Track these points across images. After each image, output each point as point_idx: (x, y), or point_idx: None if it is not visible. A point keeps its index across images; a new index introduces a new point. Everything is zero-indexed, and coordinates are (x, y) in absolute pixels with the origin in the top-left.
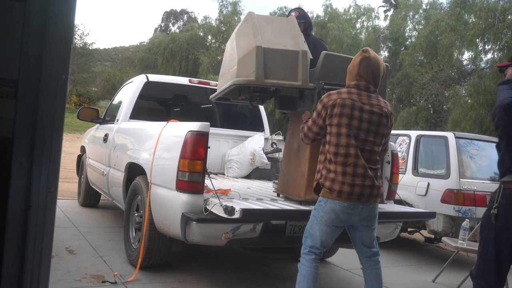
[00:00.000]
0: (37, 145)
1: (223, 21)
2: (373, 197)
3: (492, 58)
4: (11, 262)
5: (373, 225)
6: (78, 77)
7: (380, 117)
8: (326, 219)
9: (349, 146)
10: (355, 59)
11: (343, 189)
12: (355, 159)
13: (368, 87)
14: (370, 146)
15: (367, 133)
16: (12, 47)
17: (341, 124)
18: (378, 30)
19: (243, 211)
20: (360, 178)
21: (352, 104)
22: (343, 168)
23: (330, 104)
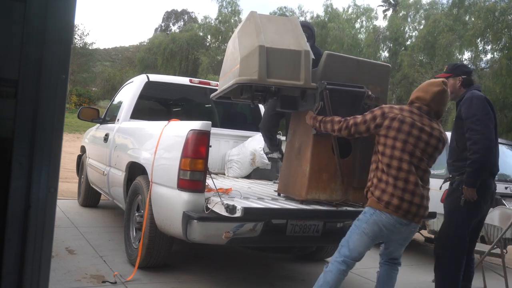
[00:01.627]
0: (37, 145)
1: (222, 21)
2: (418, 217)
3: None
4: (11, 262)
5: (407, 243)
6: (78, 77)
7: (438, 142)
8: (368, 231)
9: (402, 160)
10: (432, 87)
11: (392, 201)
12: (407, 175)
13: (429, 113)
14: (425, 166)
15: (423, 153)
16: (12, 47)
17: (398, 138)
18: (378, 30)
19: (245, 210)
20: (410, 194)
21: (412, 122)
22: (394, 181)
23: (391, 117)
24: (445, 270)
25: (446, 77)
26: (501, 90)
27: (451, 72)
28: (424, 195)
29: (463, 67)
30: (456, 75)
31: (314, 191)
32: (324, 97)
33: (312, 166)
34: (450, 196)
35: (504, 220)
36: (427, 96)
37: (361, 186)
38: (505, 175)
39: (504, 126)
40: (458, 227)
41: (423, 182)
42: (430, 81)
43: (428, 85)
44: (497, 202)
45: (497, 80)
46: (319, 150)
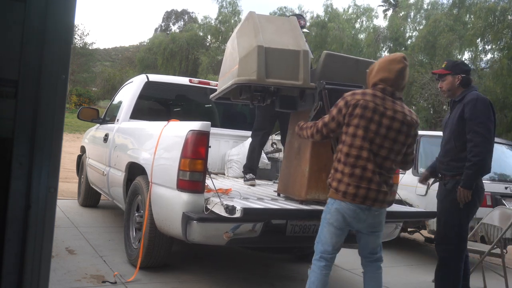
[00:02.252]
0: (37, 145)
1: (222, 21)
2: (378, 202)
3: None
4: (11, 262)
5: (379, 231)
6: (78, 77)
7: (401, 125)
8: (333, 220)
9: (362, 148)
10: (393, 65)
11: (348, 191)
12: (365, 162)
13: (394, 93)
14: (386, 152)
15: (384, 139)
16: (12, 47)
17: (359, 125)
18: (378, 30)
19: (244, 210)
20: (366, 181)
21: (374, 107)
22: (351, 170)
23: (353, 104)
24: (450, 271)
25: (444, 74)
26: (501, 90)
27: (450, 70)
28: (382, 182)
29: (463, 65)
30: (455, 73)
31: (313, 191)
32: (323, 97)
33: (312, 166)
34: (447, 197)
35: (504, 220)
36: (391, 76)
37: None
38: (505, 175)
39: (504, 126)
40: (460, 227)
41: (384, 169)
42: (389, 58)
43: (389, 64)
44: (497, 202)
45: (497, 80)
46: (318, 150)
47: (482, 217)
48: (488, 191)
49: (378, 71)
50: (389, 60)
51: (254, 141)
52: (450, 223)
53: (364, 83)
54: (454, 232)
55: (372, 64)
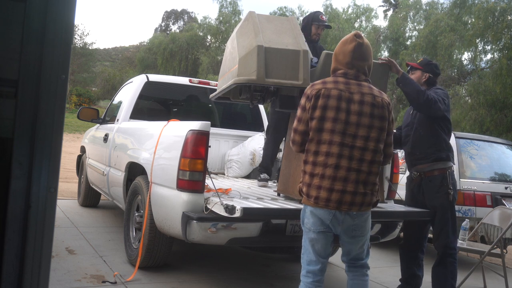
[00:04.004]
0: (37, 145)
1: (223, 21)
2: (355, 206)
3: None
4: (11, 262)
5: (360, 236)
6: (78, 77)
7: (373, 108)
8: (310, 225)
9: (331, 143)
10: (346, 46)
11: (320, 195)
12: (337, 160)
13: (358, 76)
14: (362, 142)
15: (357, 127)
16: (12, 47)
17: (325, 118)
18: (378, 30)
19: (244, 210)
20: (341, 182)
21: (339, 94)
22: (322, 170)
23: (314, 94)
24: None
25: (416, 68)
26: (501, 90)
27: (422, 66)
28: (361, 181)
29: (435, 67)
30: (425, 70)
31: None
32: None
33: None
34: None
35: (504, 220)
36: (346, 58)
37: None
38: (505, 175)
39: (504, 126)
40: (453, 220)
41: (364, 163)
42: (342, 40)
43: (342, 46)
44: (497, 202)
45: (497, 80)
46: None
47: (482, 217)
48: (488, 191)
49: (334, 56)
50: (342, 42)
51: (268, 141)
52: (445, 218)
53: None
54: (451, 227)
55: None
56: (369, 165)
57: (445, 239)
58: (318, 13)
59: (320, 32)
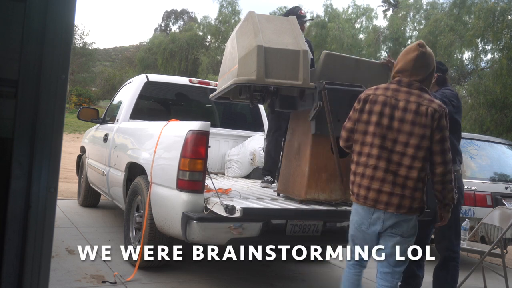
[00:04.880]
0: (37, 145)
1: (222, 21)
2: (392, 206)
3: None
4: (11, 262)
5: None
6: (78, 77)
7: (415, 115)
8: (353, 222)
9: (372, 146)
10: (409, 54)
11: (360, 192)
12: (376, 161)
13: (411, 84)
14: (401, 148)
15: (398, 133)
16: (12, 47)
17: (369, 121)
18: (378, 30)
19: (244, 210)
20: (379, 182)
21: (385, 100)
22: (363, 170)
23: (363, 98)
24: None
25: None
26: (501, 90)
27: None
28: (398, 183)
29: (440, 65)
30: None
31: (313, 191)
32: (323, 96)
33: (311, 166)
34: None
35: (504, 220)
36: (407, 66)
37: None
38: (505, 175)
39: (504, 126)
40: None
41: (401, 167)
42: (406, 49)
43: (405, 54)
44: (497, 202)
45: (497, 80)
46: (318, 150)
47: (482, 217)
48: (488, 191)
49: (396, 64)
50: (405, 51)
51: (269, 143)
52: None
53: (363, 83)
54: (455, 229)
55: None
56: (407, 170)
57: (447, 243)
58: (296, 9)
59: (303, 28)
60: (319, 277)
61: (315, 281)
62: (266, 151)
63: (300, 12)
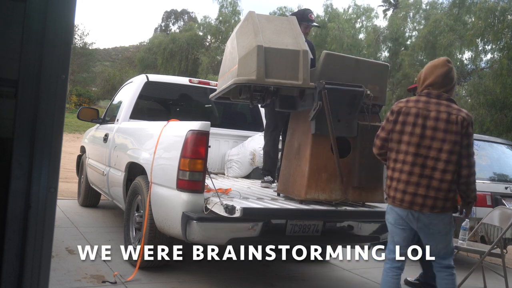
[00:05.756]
0: (37, 145)
1: (223, 21)
2: (427, 207)
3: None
4: (11, 262)
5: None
6: (78, 77)
7: (447, 124)
8: (391, 219)
9: (407, 153)
10: (438, 69)
11: (396, 196)
12: (411, 167)
13: (440, 95)
14: (435, 153)
15: (431, 140)
16: (12, 47)
17: (403, 131)
18: (378, 30)
19: (244, 210)
20: (414, 186)
21: (417, 112)
22: (399, 175)
23: (396, 111)
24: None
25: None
26: (501, 90)
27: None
28: (432, 187)
29: None
30: None
31: (313, 191)
32: (323, 96)
33: (311, 166)
34: None
35: (504, 220)
36: (438, 80)
37: (360, 186)
38: (505, 175)
39: (504, 126)
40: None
41: (435, 171)
42: (433, 64)
43: (434, 68)
44: (497, 202)
45: (497, 80)
46: (318, 150)
47: (482, 217)
48: (488, 191)
49: (425, 78)
50: (433, 66)
51: (267, 143)
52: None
53: (363, 83)
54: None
55: (420, 72)
56: (441, 174)
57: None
58: (307, 12)
59: (308, 31)
60: (319, 277)
61: (315, 281)
62: (264, 151)
63: (310, 15)
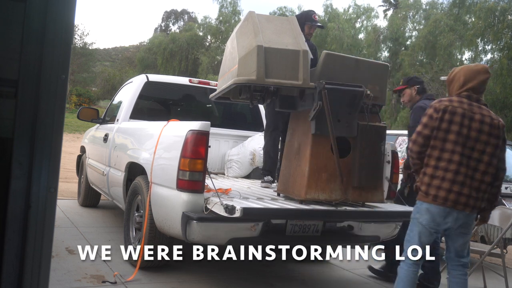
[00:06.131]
0: (37, 145)
1: (223, 21)
2: (469, 207)
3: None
4: (11, 262)
5: (467, 234)
6: (78, 77)
7: (490, 127)
8: (422, 220)
9: (454, 152)
10: (480, 75)
11: (439, 194)
12: (457, 167)
13: (479, 100)
14: (478, 155)
15: (475, 142)
16: (12, 47)
17: (449, 130)
18: (378, 30)
19: (244, 210)
20: (459, 185)
21: (463, 112)
22: (443, 173)
23: (442, 109)
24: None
25: (403, 89)
26: (501, 90)
27: (406, 84)
28: (474, 187)
29: (416, 78)
30: (410, 85)
31: (313, 191)
32: (323, 96)
33: (311, 166)
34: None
35: (504, 220)
36: (478, 85)
37: (360, 186)
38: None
39: None
40: None
41: (477, 173)
42: (475, 69)
43: (476, 74)
44: None
45: (497, 80)
46: (318, 150)
47: None
48: None
49: (466, 82)
50: (476, 71)
51: (267, 143)
52: None
53: (363, 83)
54: None
55: (452, 73)
56: (482, 175)
57: None
58: (311, 13)
59: (312, 32)
60: (319, 277)
61: (315, 281)
62: (264, 151)
63: (313, 16)
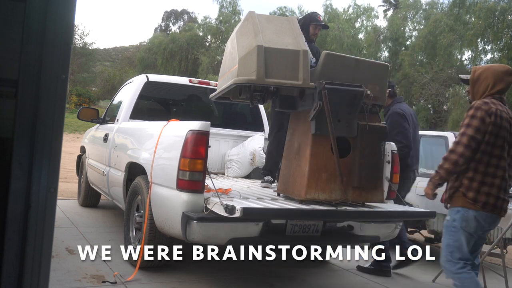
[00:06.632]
0: (37, 145)
1: (223, 21)
2: (504, 211)
3: (492, 58)
4: (11, 262)
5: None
6: (78, 77)
7: None
8: (469, 228)
9: (501, 158)
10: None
11: (489, 201)
12: (503, 172)
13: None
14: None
15: (510, 145)
16: (12, 47)
17: (498, 135)
18: (378, 30)
19: (244, 210)
20: (503, 191)
21: (506, 116)
22: (491, 180)
23: (494, 112)
24: None
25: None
26: None
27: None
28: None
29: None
30: None
31: (313, 191)
32: (323, 96)
33: (311, 166)
34: None
35: (504, 220)
36: (506, 87)
37: (360, 186)
38: None
39: None
40: None
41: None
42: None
43: (503, 75)
44: None
45: None
46: (318, 150)
47: None
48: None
49: (496, 83)
50: (503, 72)
51: (271, 143)
52: None
53: (363, 83)
54: None
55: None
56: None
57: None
58: (315, 14)
59: (317, 32)
60: (319, 277)
61: (315, 281)
62: (267, 150)
63: (318, 17)
